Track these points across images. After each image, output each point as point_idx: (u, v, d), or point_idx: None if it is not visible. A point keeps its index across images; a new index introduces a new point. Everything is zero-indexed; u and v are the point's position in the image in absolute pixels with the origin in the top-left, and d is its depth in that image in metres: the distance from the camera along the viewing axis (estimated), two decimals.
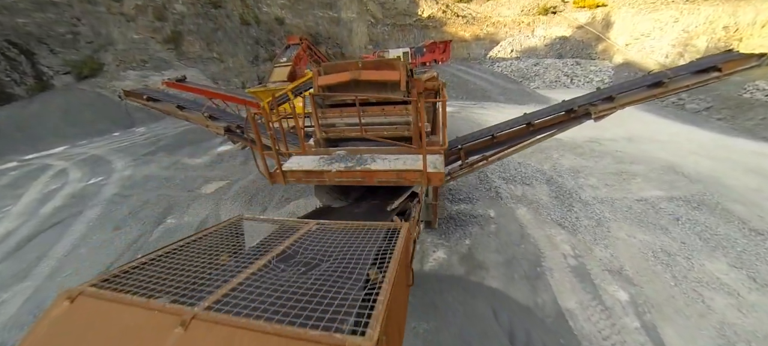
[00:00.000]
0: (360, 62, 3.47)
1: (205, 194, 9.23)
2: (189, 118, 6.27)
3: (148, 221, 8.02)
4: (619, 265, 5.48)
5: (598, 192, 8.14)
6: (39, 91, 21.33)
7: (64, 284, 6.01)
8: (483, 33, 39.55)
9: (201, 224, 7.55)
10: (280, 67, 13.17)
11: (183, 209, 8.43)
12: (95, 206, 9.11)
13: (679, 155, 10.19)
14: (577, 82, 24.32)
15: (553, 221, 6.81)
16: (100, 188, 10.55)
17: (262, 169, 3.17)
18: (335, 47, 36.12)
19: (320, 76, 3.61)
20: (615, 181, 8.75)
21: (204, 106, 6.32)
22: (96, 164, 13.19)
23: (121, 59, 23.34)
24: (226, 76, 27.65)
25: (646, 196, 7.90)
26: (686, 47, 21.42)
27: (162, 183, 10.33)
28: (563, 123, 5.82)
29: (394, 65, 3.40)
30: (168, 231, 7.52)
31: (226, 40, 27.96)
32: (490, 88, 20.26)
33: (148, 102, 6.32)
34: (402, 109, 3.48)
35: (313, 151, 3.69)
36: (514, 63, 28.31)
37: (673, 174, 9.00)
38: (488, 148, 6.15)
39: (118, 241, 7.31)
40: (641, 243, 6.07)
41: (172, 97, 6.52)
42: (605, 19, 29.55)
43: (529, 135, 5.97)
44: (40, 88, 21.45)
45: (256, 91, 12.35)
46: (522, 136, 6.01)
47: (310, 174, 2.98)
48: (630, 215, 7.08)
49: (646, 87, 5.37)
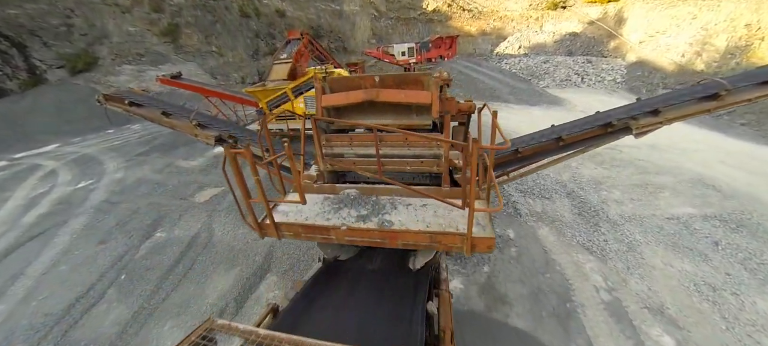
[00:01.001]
0: (377, 77, 2.67)
1: (198, 203, 8.62)
2: (175, 126, 5.61)
3: (136, 234, 7.42)
4: (659, 301, 4.84)
5: (625, 208, 7.47)
6: (32, 85, 20.66)
7: (39, 309, 5.44)
8: (489, 28, 38.46)
9: (192, 241, 6.95)
10: (279, 65, 12.41)
11: (174, 220, 7.83)
12: (81, 215, 8.52)
13: (708, 166, 9.48)
14: (588, 81, 23.42)
15: (579, 244, 6.17)
16: (88, 193, 9.96)
17: (250, 220, 2.50)
18: (337, 41, 35.18)
19: (325, 95, 2.82)
20: (641, 195, 8.08)
21: (192, 112, 5.65)
22: (87, 165, 12.59)
23: (117, 53, 22.60)
24: (226, 71, 26.88)
25: (677, 213, 7.23)
26: (704, 46, 20.47)
27: (154, 189, 9.72)
28: (598, 138, 5.14)
29: (424, 82, 2.62)
30: (156, 247, 6.93)
31: (226, 33, 27.12)
32: (499, 88, 19.44)
33: (130, 107, 5.66)
34: (432, 139, 2.73)
35: (316, 188, 2.88)
36: (522, 60, 27.35)
37: (703, 187, 8.30)
38: (511, 163, 5.49)
39: (103, 257, 6.72)
40: (680, 274, 5.42)
41: (157, 102, 5.85)
42: (618, 15, 28.46)
43: (558, 150, 5.30)
44: (33, 83, 20.79)
45: (254, 91, 11.63)
46: (550, 152, 5.34)
47: (312, 229, 2.30)
48: (662, 237, 6.42)
49: (697, 99, 4.65)
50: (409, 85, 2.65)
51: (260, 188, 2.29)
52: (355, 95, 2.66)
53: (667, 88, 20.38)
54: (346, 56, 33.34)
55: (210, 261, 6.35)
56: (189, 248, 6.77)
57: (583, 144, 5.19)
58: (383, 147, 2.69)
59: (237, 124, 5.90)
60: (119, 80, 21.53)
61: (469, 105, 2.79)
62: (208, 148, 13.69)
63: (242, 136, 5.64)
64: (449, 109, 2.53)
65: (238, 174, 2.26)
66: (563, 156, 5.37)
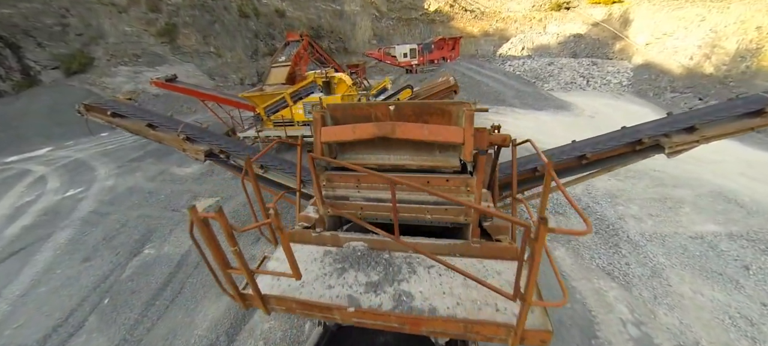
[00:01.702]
0: (392, 106, 2.16)
1: None
2: (162, 139, 5.15)
3: (123, 250, 6.97)
4: (693, 339, 4.38)
5: (644, 226, 7.02)
6: (26, 87, 20.20)
7: (12, 340, 4.99)
8: (492, 29, 37.99)
9: (182, 259, 6.49)
10: (277, 68, 11.99)
11: (164, 235, 7.37)
12: (67, 228, 8.07)
13: (728, 177, 9.02)
14: (593, 84, 22.96)
15: (599, 268, 5.71)
16: (77, 202, 9.50)
17: (230, 290, 2.02)
18: (338, 42, 34.72)
19: (325, 127, 2.25)
20: (660, 210, 7.62)
21: (181, 124, 5.19)
22: (78, 171, 12.14)
23: (113, 53, 22.14)
24: (224, 72, 26.43)
25: (700, 232, 6.77)
26: (714, 49, 19.99)
27: (145, 198, 9.26)
28: (625, 156, 4.69)
29: (453, 113, 2.10)
30: (144, 265, 6.47)
31: (224, 34, 26.66)
32: (503, 91, 18.98)
33: (113, 118, 5.20)
34: (460, 183, 2.24)
35: (315, 237, 2.26)
36: (526, 62, 26.88)
37: (724, 202, 7.85)
38: (528, 182, 5.02)
39: (86, 277, 6.27)
40: (712, 304, 4.97)
41: (142, 113, 5.39)
42: (623, 17, 27.99)
43: (580, 169, 4.85)
44: (27, 84, 20.33)
45: (250, 96, 11.19)
46: (572, 170, 4.89)
47: (309, 306, 1.82)
48: (688, 259, 5.97)
49: (738, 116, 4.20)
50: (434, 116, 2.13)
51: (240, 259, 1.82)
52: (363, 129, 2.14)
53: (675, 91, 19.94)
54: (346, 57, 32.88)
55: (201, 284, 5.89)
56: (179, 268, 6.31)
57: (609, 163, 4.75)
58: (399, 191, 2.18)
59: (229, 138, 5.43)
60: (115, 82, 21.08)
61: (503, 138, 2.28)
62: None
63: (235, 150, 5.19)
64: (480, 145, 2.06)
65: (210, 238, 1.77)
66: (586, 175, 4.92)
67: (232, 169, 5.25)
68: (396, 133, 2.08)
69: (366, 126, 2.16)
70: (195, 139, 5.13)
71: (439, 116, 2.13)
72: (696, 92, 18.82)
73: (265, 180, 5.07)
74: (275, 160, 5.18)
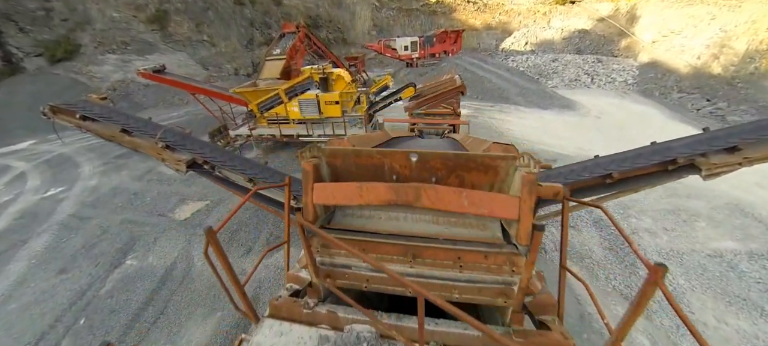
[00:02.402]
0: (414, 156, 1.62)
1: (177, 220, 7.65)
2: (138, 146, 4.59)
3: (104, 260, 6.47)
4: None
5: (659, 241, 6.64)
6: (8, 75, 19.25)
7: None
8: (495, 22, 37.10)
9: (167, 273, 6.01)
10: (272, 61, 11.31)
11: (148, 244, 6.87)
12: (44, 233, 7.54)
13: (743, 189, 8.66)
14: (598, 82, 22.43)
15: (615, 290, 5.33)
16: (57, 203, 8.93)
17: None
18: (336, 32, 33.67)
19: (319, 183, 1.69)
20: (674, 223, 7.24)
21: (161, 129, 4.63)
22: (60, 168, 11.51)
23: (100, 41, 21.13)
24: (218, 62, 25.48)
25: (718, 249, 6.41)
26: (722, 49, 19.50)
27: (130, 201, 8.71)
28: (655, 176, 4.22)
29: (498, 169, 1.57)
30: (125, 279, 5.99)
31: (218, 22, 25.60)
32: (507, 88, 18.41)
33: (83, 122, 4.62)
34: (503, 261, 1.68)
35: (306, 315, 1.71)
36: (530, 58, 26.22)
37: (741, 216, 7.49)
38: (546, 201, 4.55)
39: (62, 292, 5.78)
40: (738, 335, 4.61)
41: (117, 115, 4.81)
42: (630, 13, 27.29)
43: (605, 188, 4.38)
44: (9, 72, 19.37)
45: (243, 91, 10.54)
46: (595, 189, 4.43)
47: None
48: (708, 281, 5.60)
49: None
50: (473, 172, 1.58)
51: None
52: (374, 193, 1.57)
53: (681, 92, 19.50)
54: (345, 48, 31.93)
55: (186, 302, 5.43)
56: (163, 283, 5.84)
57: (636, 183, 4.27)
58: (418, 264, 1.63)
59: (216, 146, 4.89)
60: (102, 70, 20.16)
61: (555, 191, 1.70)
62: None
63: (221, 160, 4.64)
64: None
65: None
66: (610, 195, 4.48)
67: (219, 182, 4.73)
68: (421, 202, 1.52)
69: (377, 189, 1.58)
70: (175, 146, 4.58)
71: (481, 173, 1.63)
72: (703, 93, 18.39)
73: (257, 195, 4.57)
74: (265, 171, 4.65)
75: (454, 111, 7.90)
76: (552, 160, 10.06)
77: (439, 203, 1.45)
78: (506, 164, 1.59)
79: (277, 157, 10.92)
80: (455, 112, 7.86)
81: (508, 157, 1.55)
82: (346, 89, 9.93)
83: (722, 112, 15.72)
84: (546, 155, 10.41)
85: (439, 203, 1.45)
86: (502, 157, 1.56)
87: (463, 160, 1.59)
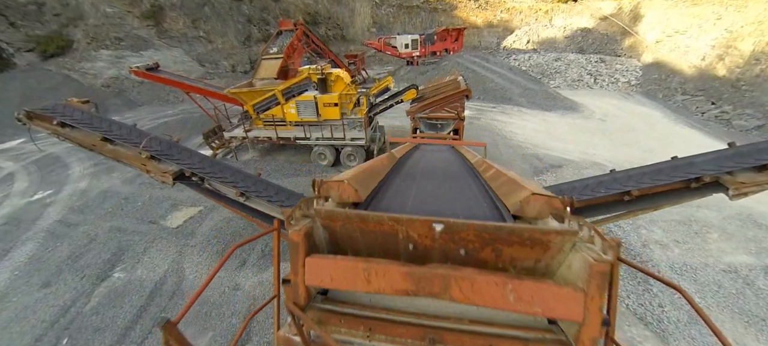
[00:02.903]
0: (437, 227, 1.26)
1: (169, 228, 7.32)
2: (121, 156, 4.28)
3: (90, 273, 6.16)
4: None
5: (671, 254, 6.38)
6: None
7: None
8: (496, 20, 36.62)
9: (156, 287, 5.70)
10: (268, 60, 10.94)
11: (137, 255, 6.55)
12: (29, 241, 7.21)
13: (756, 198, 8.38)
14: (601, 82, 22.13)
15: (629, 310, 5.07)
16: (43, 208, 8.59)
17: None
18: (335, 29, 33.13)
19: (312, 257, 1.32)
20: (686, 235, 6.99)
21: (146, 137, 4.31)
22: (50, 168, 11.14)
23: (93, 36, 20.61)
24: (215, 58, 24.98)
25: (733, 263, 6.16)
26: (728, 50, 19.20)
27: (120, 206, 8.38)
28: (677, 194, 3.95)
29: (550, 245, 1.23)
30: (112, 293, 5.68)
31: (215, 18, 25.04)
32: (509, 88, 18.07)
33: (61, 129, 4.30)
34: None
35: None
36: (532, 57, 25.86)
37: (754, 227, 7.25)
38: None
39: (44, 308, 5.47)
40: None
41: (99, 122, 4.48)
42: (633, 12, 26.91)
43: (622, 206, 4.10)
44: (0, 68, 18.87)
45: (238, 92, 10.17)
46: (612, 207, 4.15)
47: None
48: (724, 299, 5.35)
49: None
50: (516, 247, 1.25)
51: None
52: (385, 277, 1.20)
53: (685, 94, 19.23)
54: (344, 45, 31.42)
55: None
56: (152, 299, 5.53)
57: (657, 201, 4.01)
58: None
59: (205, 156, 4.56)
60: (95, 67, 19.68)
61: (604, 270, 1.29)
62: None
63: (210, 171, 4.33)
64: None
65: None
66: (629, 212, 4.20)
67: (208, 195, 4.41)
68: (451, 295, 1.13)
69: (391, 273, 1.18)
70: (161, 157, 4.26)
71: (525, 248, 1.27)
72: (708, 96, 18.13)
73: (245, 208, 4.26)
74: (258, 183, 4.32)
75: (458, 115, 7.58)
76: (558, 167, 9.79)
77: (475, 298, 1.11)
78: (561, 240, 1.27)
79: (273, 160, 10.58)
80: (459, 116, 7.55)
81: (565, 232, 1.22)
82: (345, 91, 9.58)
83: (728, 116, 15.46)
84: (551, 161, 10.13)
85: (475, 298, 1.11)
86: (557, 232, 1.23)
87: (504, 234, 1.25)
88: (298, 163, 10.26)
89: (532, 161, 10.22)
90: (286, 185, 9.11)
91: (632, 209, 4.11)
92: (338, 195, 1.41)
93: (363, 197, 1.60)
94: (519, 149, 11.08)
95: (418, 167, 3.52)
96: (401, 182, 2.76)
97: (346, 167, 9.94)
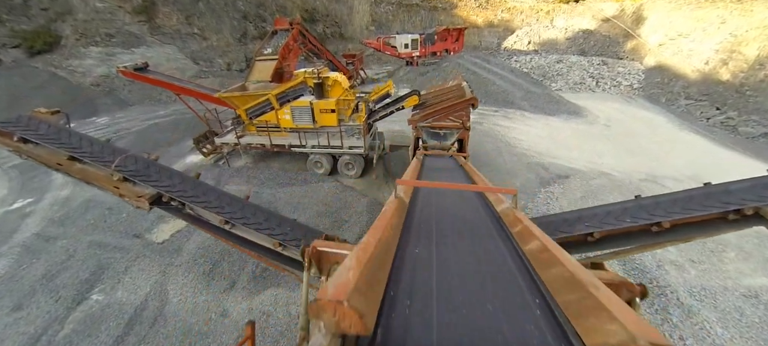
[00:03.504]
0: None
1: (153, 244, 6.86)
2: (89, 178, 3.81)
3: (66, 294, 5.69)
4: None
5: (688, 276, 6.04)
6: None
7: None
8: (497, 19, 36.20)
9: (137, 312, 5.25)
10: (263, 62, 10.43)
11: (118, 274, 6.09)
12: (3, 257, 6.71)
13: None
14: (603, 85, 21.82)
15: None
16: (22, 218, 8.08)
17: None
18: (333, 27, 32.53)
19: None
20: (701, 253, 6.65)
21: (120, 155, 3.84)
22: (32, 174, 10.58)
23: (82, 32, 19.91)
24: (209, 56, 24.33)
25: (753, 286, 5.83)
26: (732, 54, 18.94)
27: (102, 217, 7.88)
28: (712, 225, 3.55)
29: None
30: (88, 320, 5.23)
31: (209, 14, 24.37)
32: (512, 91, 17.68)
33: (23, 145, 3.81)
34: None
35: None
36: (533, 58, 25.47)
37: None
38: (578, 246, 3.88)
39: (13, 335, 5.00)
40: None
41: (67, 138, 4.00)
42: (636, 14, 26.59)
43: (649, 237, 3.71)
44: None
45: (230, 96, 9.67)
46: (638, 238, 3.75)
47: None
48: (748, 329, 5.01)
49: None
50: None
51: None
52: None
53: (689, 98, 18.95)
54: (342, 44, 30.86)
55: None
56: (131, 326, 5.09)
57: (689, 232, 3.61)
58: None
59: (189, 177, 4.09)
60: (84, 64, 19.00)
61: None
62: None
63: (192, 195, 3.87)
64: None
65: None
66: (656, 244, 3.81)
67: (190, 221, 3.96)
68: None
69: None
70: (136, 178, 3.80)
71: None
72: (712, 100, 17.87)
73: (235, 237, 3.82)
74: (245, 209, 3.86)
75: (463, 125, 7.16)
76: (565, 177, 9.41)
77: None
78: None
79: (267, 167, 10.10)
80: (465, 126, 7.13)
81: None
82: (343, 96, 9.13)
83: (733, 123, 15.19)
84: (557, 170, 9.76)
85: None
86: None
87: None
88: (294, 171, 9.80)
89: (537, 171, 9.84)
90: (281, 195, 8.66)
91: (660, 241, 3.73)
92: (335, 323, 0.88)
93: (370, 327, 0.95)
94: (523, 158, 10.69)
95: (432, 223, 2.39)
96: (417, 273, 1.58)
97: (343, 177, 9.49)
